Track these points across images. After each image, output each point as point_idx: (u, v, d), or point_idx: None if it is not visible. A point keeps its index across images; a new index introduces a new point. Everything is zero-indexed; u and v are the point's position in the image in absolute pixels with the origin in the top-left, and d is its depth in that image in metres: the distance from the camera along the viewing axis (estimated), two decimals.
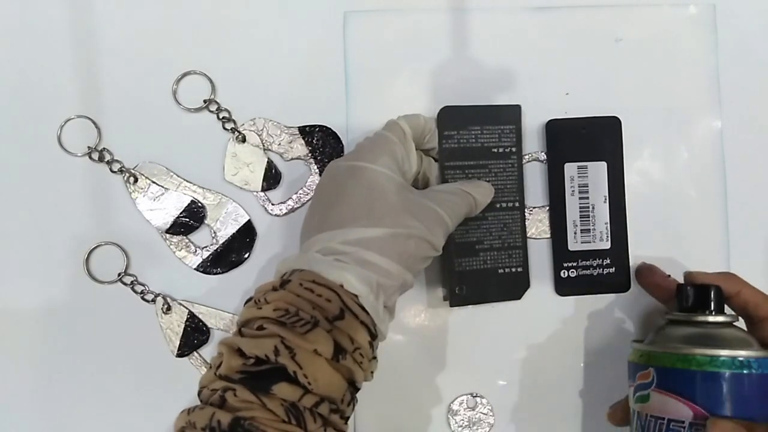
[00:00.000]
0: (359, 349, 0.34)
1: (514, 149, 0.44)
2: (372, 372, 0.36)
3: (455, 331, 0.45)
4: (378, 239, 0.35)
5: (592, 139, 0.45)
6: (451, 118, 0.43)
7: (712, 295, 0.38)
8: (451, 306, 0.43)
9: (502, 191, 0.44)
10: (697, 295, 0.38)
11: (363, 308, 0.34)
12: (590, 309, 0.46)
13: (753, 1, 0.47)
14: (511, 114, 0.44)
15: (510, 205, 0.44)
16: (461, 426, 0.45)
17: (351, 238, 0.35)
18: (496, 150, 0.44)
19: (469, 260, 0.43)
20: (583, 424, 0.45)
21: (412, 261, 0.36)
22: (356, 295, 0.34)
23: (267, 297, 0.34)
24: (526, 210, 0.45)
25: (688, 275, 0.41)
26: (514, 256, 0.44)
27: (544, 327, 0.45)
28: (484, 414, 0.45)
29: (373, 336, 0.35)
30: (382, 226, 0.35)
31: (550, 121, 0.45)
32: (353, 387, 0.34)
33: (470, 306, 0.45)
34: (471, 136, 0.44)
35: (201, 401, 0.33)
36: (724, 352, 0.35)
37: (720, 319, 0.38)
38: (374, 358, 0.36)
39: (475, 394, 0.45)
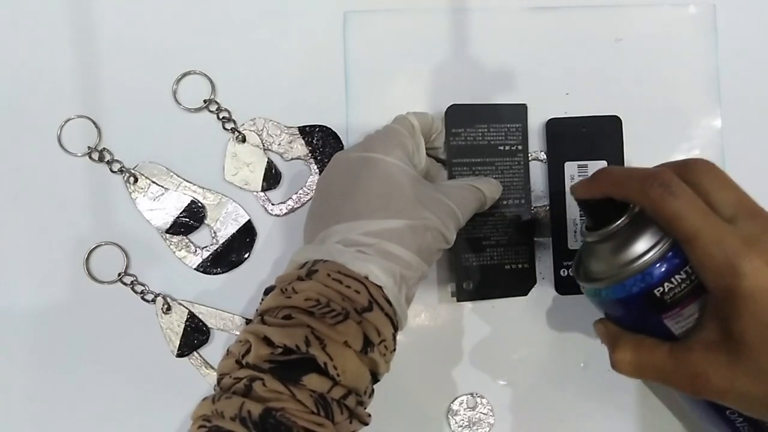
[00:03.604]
0: (384, 341, 0.33)
1: (520, 147, 0.45)
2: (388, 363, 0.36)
3: (455, 331, 0.45)
4: (398, 231, 0.35)
5: (592, 138, 0.45)
6: (458, 115, 0.44)
7: (587, 212, 0.36)
8: (458, 301, 0.44)
9: (509, 188, 0.44)
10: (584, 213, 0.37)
11: (387, 300, 0.34)
12: (590, 308, 0.45)
13: (753, 1, 0.47)
14: (518, 112, 0.45)
15: (516, 201, 0.44)
16: (461, 426, 0.45)
17: (372, 229, 0.34)
18: (502, 148, 0.44)
19: (476, 256, 0.44)
20: (583, 424, 0.45)
21: (428, 253, 0.36)
22: (380, 287, 0.34)
23: (295, 287, 0.33)
24: None
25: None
26: (521, 253, 0.44)
27: (544, 326, 0.45)
28: (484, 414, 0.45)
29: (395, 328, 0.35)
30: (400, 218, 0.35)
31: (550, 120, 0.45)
32: (374, 379, 0.34)
33: (470, 305, 0.45)
34: (478, 134, 0.44)
35: (221, 389, 0.32)
36: (583, 283, 0.37)
37: (592, 238, 0.36)
38: (394, 349, 0.36)
39: (475, 394, 0.45)
